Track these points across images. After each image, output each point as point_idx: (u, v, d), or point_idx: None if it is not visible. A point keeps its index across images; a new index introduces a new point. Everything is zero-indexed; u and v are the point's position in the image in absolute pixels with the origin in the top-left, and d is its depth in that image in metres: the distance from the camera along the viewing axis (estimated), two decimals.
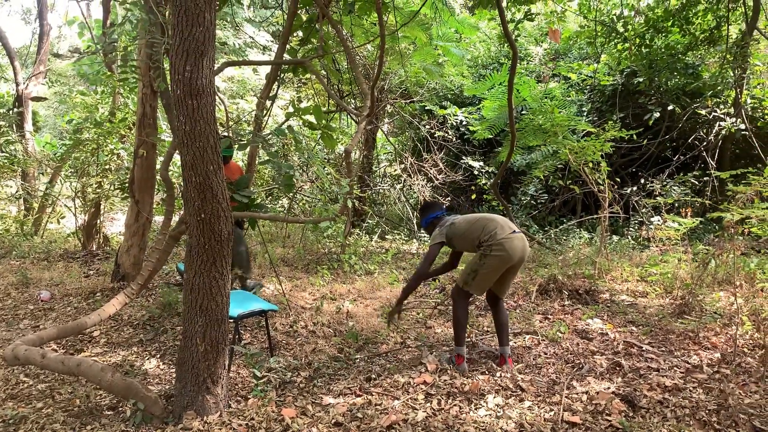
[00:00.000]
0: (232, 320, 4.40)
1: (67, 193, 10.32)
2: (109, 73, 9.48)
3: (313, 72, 5.38)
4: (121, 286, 6.64)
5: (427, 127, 10.45)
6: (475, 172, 10.68)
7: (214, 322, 3.55)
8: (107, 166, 9.17)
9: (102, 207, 9.44)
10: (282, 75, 5.85)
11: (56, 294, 6.69)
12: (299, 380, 4.20)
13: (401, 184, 11.10)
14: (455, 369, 4.22)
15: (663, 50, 10.10)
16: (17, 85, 13.96)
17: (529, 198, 10.80)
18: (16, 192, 11.78)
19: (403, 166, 10.72)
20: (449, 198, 10.66)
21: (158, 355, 4.79)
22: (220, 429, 3.42)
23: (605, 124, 8.94)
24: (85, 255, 8.75)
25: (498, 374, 4.10)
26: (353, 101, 10.50)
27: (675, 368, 4.24)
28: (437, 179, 10.27)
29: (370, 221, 10.82)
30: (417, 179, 10.30)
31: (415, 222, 10.45)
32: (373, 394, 3.86)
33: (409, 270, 7.99)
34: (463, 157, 10.74)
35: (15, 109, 13.42)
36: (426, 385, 3.94)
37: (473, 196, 10.89)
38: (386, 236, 10.59)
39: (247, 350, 4.18)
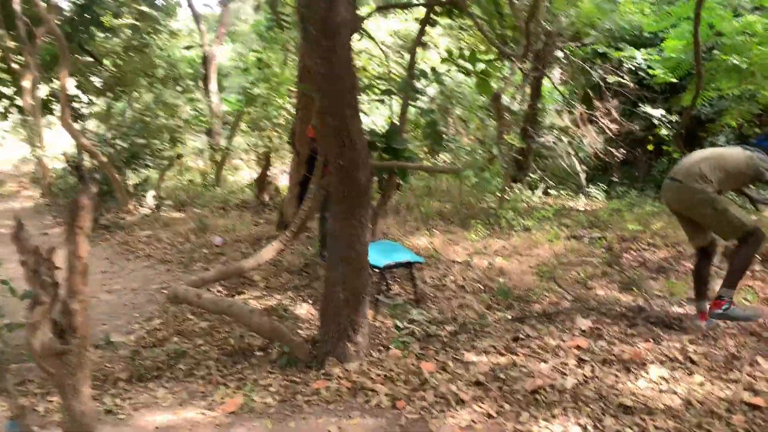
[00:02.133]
0: (378, 270, 4.36)
1: (244, 147, 11.02)
2: (278, 29, 9.85)
3: (466, 13, 5.05)
4: None
5: (600, 72, 9.56)
6: (654, 122, 9.63)
7: (354, 270, 3.50)
8: (277, 121, 9.60)
9: (272, 159, 9.94)
10: (436, 19, 5.59)
11: (228, 240, 7.18)
12: (443, 334, 4.06)
13: (570, 137, 10.35)
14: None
15: None
16: (202, 47, 15.06)
17: None
18: (204, 147, 12.86)
19: (572, 117, 9.97)
20: (623, 150, 9.75)
21: (310, 301, 4.92)
22: (359, 377, 3.39)
23: None
24: (257, 205, 9.31)
25: (664, 343, 3.63)
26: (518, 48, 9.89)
27: None
28: (610, 130, 9.42)
29: (532, 175, 10.28)
30: (587, 130, 9.52)
31: (582, 177, 9.73)
32: (519, 354, 3.61)
33: (572, 227, 7.46)
34: (641, 105, 9.72)
35: (201, 71, 14.52)
36: (579, 350, 3.60)
37: (650, 148, 9.84)
38: (550, 191, 10.01)
39: (390, 301, 4.12)
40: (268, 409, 3.21)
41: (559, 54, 10.00)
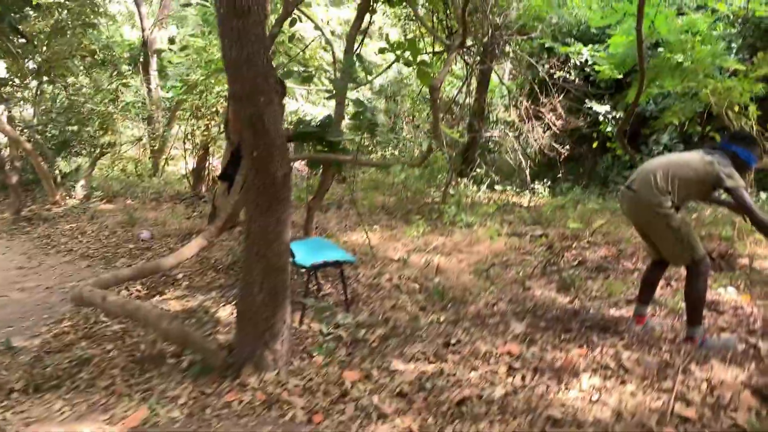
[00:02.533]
0: (305, 269, 4.10)
1: (182, 136, 10.57)
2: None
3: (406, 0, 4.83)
4: None
5: (547, 66, 9.48)
6: (600, 118, 9.62)
7: (273, 271, 3.23)
8: (214, 109, 9.18)
9: (211, 150, 9.53)
10: (375, 4, 5.35)
11: (156, 234, 6.79)
12: (372, 339, 3.83)
13: (516, 132, 10.27)
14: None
15: None
16: (143, 31, 14.41)
17: (661, 148, 9.59)
18: (142, 135, 12.29)
19: (518, 111, 9.88)
20: (568, 147, 9.72)
21: (234, 302, 4.61)
22: (275, 388, 3.14)
23: (762, 62, 7.58)
24: (192, 197, 8.90)
25: (598, 350, 3.48)
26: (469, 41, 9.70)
27: None
28: (555, 125, 9.35)
29: (479, 170, 10.15)
30: (533, 125, 9.44)
31: (527, 172, 9.68)
32: (449, 361, 3.41)
33: (515, 224, 7.35)
34: (587, 101, 9.70)
35: (141, 55, 13.88)
36: (510, 357, 3.42)
37: (594, 145, 9.83)
38: (495, 187, 9.91)
39: (316, 303, 3.87)
40: (173, 423, 2.94)
41: (508, 48, 9.89)
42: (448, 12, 7.43)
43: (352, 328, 3.93)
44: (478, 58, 8.96)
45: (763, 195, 8.40)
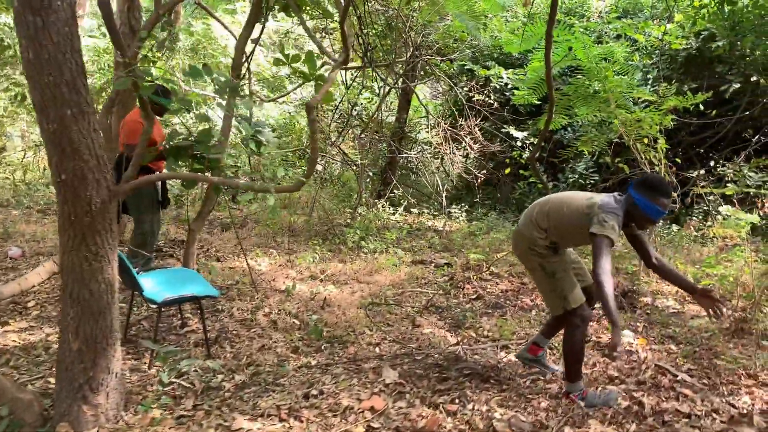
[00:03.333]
0: (156, 305, 3.61)
1: None
2: None
3: (293, 9, 4.45)
4: None
5: (465, 89, 9.29)
6: (518, 143, 9.47)
7: (90, 314, 2.75)
8: None
9: None
10: (268, 11, 4.94)
11: (27, 251, 6.12)
12: (228, 387, 3.37)
13: (435, 153, 10.00)
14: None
15: (749, 10, 8.52)
16: None
17: (577, 176, 9.52)
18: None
19: (435, 132, 9.62)
20: (484, 171, 9.52)
21: None
22: None
23: (667, 93, 7.57)
24: None
25: (470, 405, 3.12)
26: (390, 59, 9.41)
27: (714, 414, 3.14)
28: (473, 149, 9.13)
29: (396, 191, 9.83)
30: (450, 148, 9.20)
31: (444, 196, 9.42)
32: (303, 419, 2.98)
33: (423, 251, 7.03)
34: (505, 126, 9.53)
35: None
36: (372, 414, 3.03)
37: (507, 171, 9.66)
38: (412, 210, 9.59)
39: (160, 347, 3.38)
40: None
41: (429, 68, 9.64)
42: (361, 28, 7.11)
43: (209, 374, 3.47)
44: (390, 80, 8.70)
45: (675, 227, 8.42)
